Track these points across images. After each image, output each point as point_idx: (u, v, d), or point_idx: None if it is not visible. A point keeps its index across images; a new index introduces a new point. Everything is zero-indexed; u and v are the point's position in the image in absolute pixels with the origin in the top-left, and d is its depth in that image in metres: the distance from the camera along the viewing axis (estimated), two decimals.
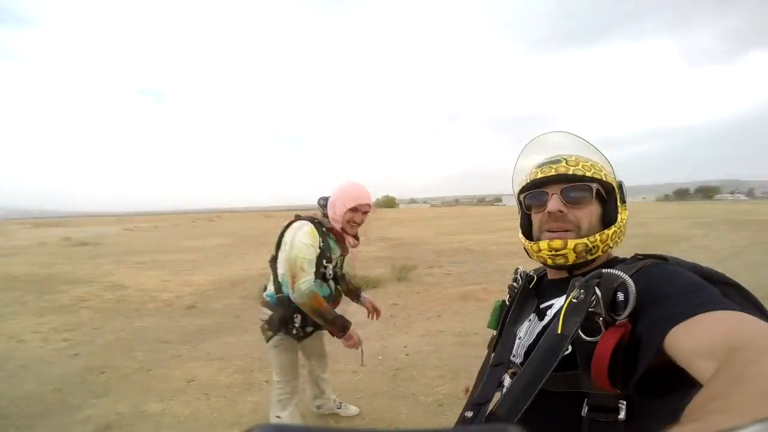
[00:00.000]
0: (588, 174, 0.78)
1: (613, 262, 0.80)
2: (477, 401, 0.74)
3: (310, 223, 1.85)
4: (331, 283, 1.99)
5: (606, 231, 0.77)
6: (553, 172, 0.79)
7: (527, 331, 0.80)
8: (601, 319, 0.60)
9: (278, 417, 1.98)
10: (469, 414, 0.73)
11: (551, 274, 0.87)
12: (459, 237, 14.41)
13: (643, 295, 0.59)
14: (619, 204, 0.80)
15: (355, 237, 1.98)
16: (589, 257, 0.77)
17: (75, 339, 4.28)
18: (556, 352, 0.61)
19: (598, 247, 0.76)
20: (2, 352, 3.89)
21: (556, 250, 0.76)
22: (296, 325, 1.87)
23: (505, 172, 0.96)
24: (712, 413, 0.35)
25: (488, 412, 0.70)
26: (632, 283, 0.59)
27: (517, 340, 0.81)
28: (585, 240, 0.76)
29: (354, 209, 1.86)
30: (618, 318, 0.59)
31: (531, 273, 0.93)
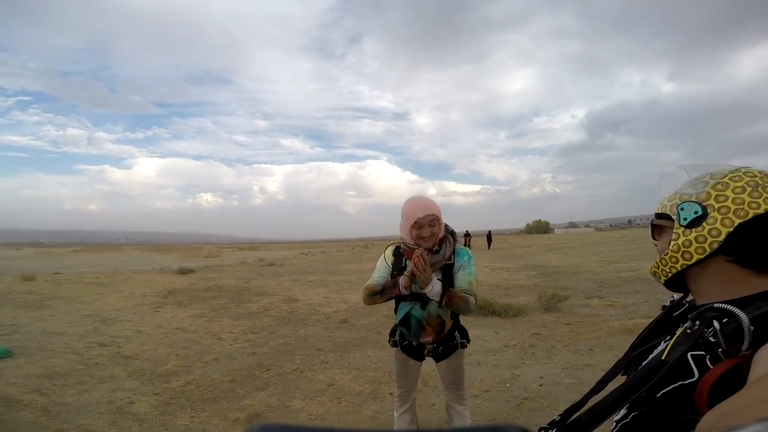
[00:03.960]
0: (655, 210, 0.84)
1: None
2: (570, 407, 0.76)
3: (390, 247, 2.02)
4: (423, 307, 1.89)
5: (657, 258, 0.80)
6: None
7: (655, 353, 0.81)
8: (721, 350, 0.61)
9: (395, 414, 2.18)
10: (557, 418, 0.75)
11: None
12: (629, 264, 12.26)
13: None
14: (676, 228, 0.76)
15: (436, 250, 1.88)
16: (658, 280, 0.83)
17: (255, 340, 5.24)
18: (652, 376, 0.64)
19: (656, 272, 0.82)
20: (205, 346, 5.01)
21: None
22: (394, 338, 2.06)
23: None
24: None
25: (572, 418, 0.72)
26: (746, 319, 0.59)
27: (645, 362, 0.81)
28: (650, 266, 0.84)
29: (417, 225, 1.82)
30: (741, 350, 0.59)
31: (683, 302, 0.92)
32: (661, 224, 0.80)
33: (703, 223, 0.71)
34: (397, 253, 1.97)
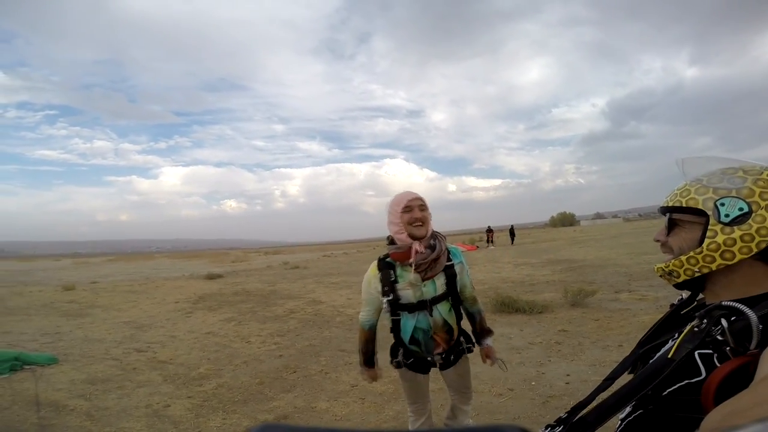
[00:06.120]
0: (670, 203, 0.78)
1: None
2: (576, 405, 0.75)
3: (373, 262, 1.88)
4: (430, 314, 1.79)
5: (681, 256, 0.75)
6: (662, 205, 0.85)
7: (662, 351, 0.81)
8: (729, 348, 0.61)
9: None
10: (564, 415, 0.74)
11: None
12: (660, 256, 11.54)
13: None
14: (713, 225, 0.71)
15: (430, 246, 1.77)
16: (675, 280, 0.78)
17: (282, 343, 5.37)
18: (658, 374, 0.65)
19: (675, 271, 0.77)
20: (235, 350, 5.17)
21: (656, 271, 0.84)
22: (397, 358, 1.92)
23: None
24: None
25: (578, 416, 0.72)
26: (754, 317, 0.59)
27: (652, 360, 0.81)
28: (662, 264, 0.79)
29: (407, 209, 1.76)
30: (749, 349, 0.59)
31: (693, 300, 0.92)
32: (684, 219, 0.75)
33: (749, 221, 0.67)
34: (384, 266, 1.82)
